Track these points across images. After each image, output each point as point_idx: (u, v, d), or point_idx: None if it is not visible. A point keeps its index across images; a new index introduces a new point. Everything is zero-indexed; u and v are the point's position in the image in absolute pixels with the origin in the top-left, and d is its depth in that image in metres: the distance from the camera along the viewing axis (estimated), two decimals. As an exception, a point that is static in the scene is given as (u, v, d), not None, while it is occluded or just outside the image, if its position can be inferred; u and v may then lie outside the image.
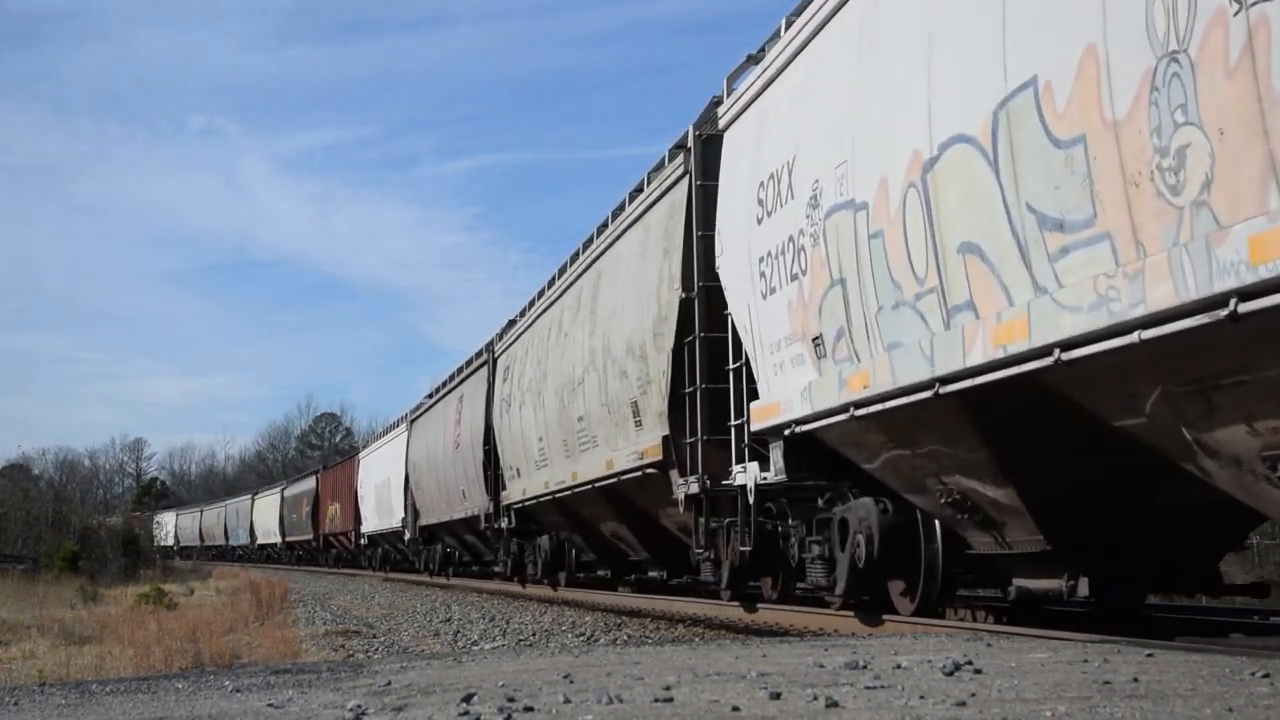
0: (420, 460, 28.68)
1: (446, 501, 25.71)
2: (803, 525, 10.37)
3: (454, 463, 24.51)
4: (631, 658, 5.90)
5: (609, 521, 15.83)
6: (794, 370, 8.99)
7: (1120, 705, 3.69)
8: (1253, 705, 3.66)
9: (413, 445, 30.24)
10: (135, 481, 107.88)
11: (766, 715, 3.71)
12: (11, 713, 4.65)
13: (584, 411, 15.10)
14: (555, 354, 16.75)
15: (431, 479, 27.26)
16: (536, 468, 17.99)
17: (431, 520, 27.86)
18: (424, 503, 28.54)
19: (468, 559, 27.98)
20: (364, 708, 4.14)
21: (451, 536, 27.33)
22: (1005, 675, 4.55)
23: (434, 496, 27.20)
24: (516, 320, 21.02)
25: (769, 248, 9.24)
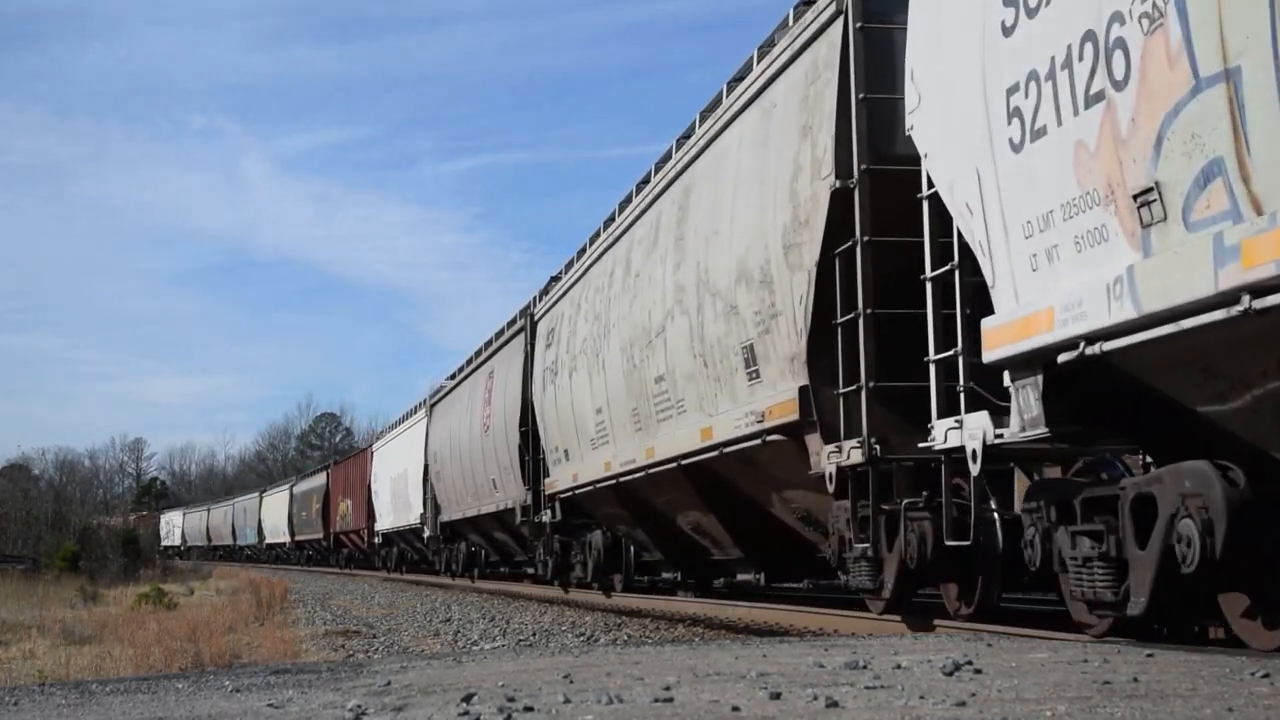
0: (442, 448, 26.07)
1: (473, 493, 22.96)
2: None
3: (483, 449, 21.75)
4: (631, 658, 5.90)
5: (690, 511, 12.70)
6: (1087, 254, 5.63)
7: (1120, 705, 3.69)
8: (1253, 705, 3.66)
9: (433, 432, 27.59)
10: (135, 481, 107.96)
11: (766, 715, 3.71)
12: (11, 713, 4.65)
13: (665, 369, 11.84)
14: (621, 302, 13.40)
15: (455, 469, 24.52)
16: (592, 447, 14.85)
17: (455, 515, 25.25)
18: (446, 496, 26.05)
19: (495, 559, 25.64)
20: (364, 708, 4.14)
21: (478, 534, 24.72)
22: (1005, 675, 4.55)
23: (458, 488, 24.54)
24: (561, 275, 17.70)
25: (1032, 66, 5.94)
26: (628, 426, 13.26)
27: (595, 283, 14.76)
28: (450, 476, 25.15)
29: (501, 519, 21.03)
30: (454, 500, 24.98)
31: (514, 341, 20.31)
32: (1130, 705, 3.69)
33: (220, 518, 76.36)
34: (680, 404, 11.59)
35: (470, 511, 23.25)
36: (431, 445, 27.50)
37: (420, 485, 28.90)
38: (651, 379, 12.31)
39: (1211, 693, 3.94)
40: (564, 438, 16.31)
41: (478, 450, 22.03)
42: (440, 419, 26.96)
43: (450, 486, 25.28)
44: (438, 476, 26.60)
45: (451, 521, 25.77)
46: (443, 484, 26.05)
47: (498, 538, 23.19)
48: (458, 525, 25.53)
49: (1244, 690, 3.99)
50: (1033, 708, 3.68)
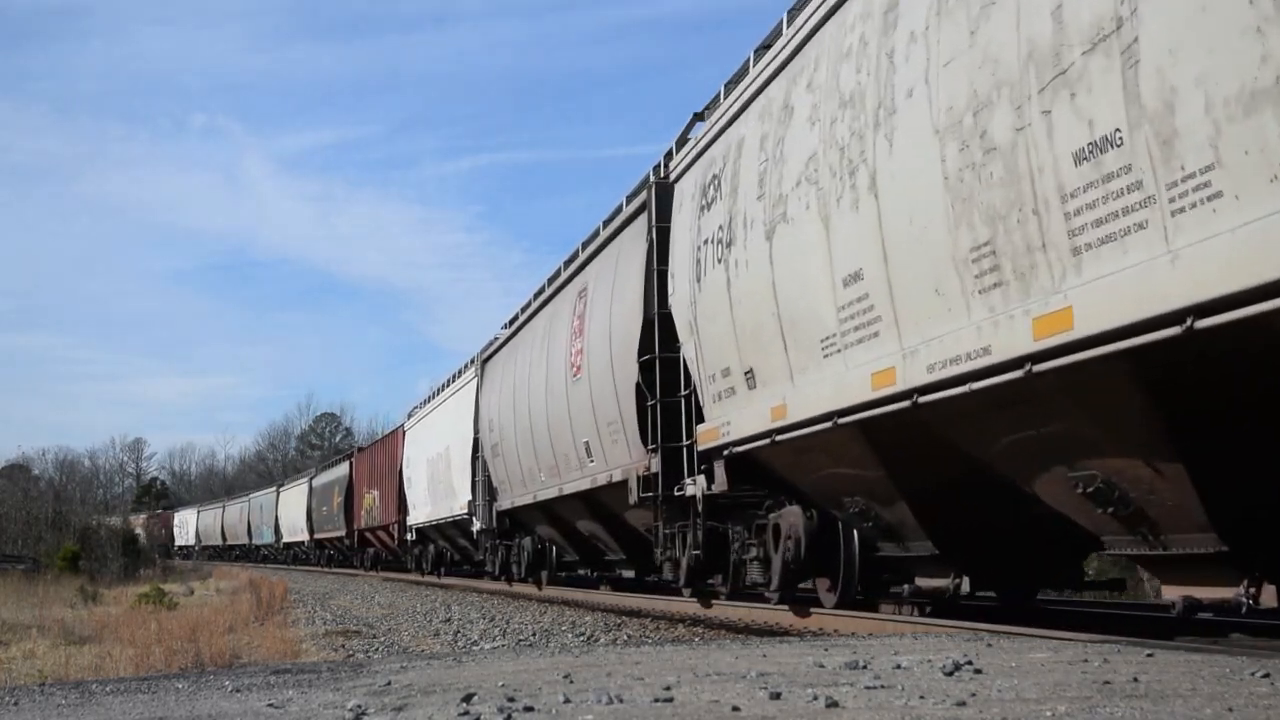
0: (501, 414, 19.80)
1: (550, 468, 16.66)
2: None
3: (569, 403, 15.31)
4: (631, 658, 5.90)
5: None
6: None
7: (1120, 705, 3.69)
8: (1253, 705, 3.66)
9: (487, 396, 21.62)
10: (135, 481, 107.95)
11: (766, 715, 3.71)
12: (11, 713, 4.65)
13: None
14: None
15: (521, 438, 18.19)
16: (823, 354, 8.34)
17: (519, 500, 18.88)
18: (507, 476, 19.70)
19: (571, 558, 19.34)
20: (364, 708, 4.14)
21: (552, 524, 18.13)
22: (1005, 675, 4.55)
23: (525, 465, 18.16)
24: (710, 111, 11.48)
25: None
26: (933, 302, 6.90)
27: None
28: (513, 450, 18.87)
29: (597, 500, 14.88)
30: (518, 481, 18.91)
31: (632, 227, 13.42)
32: (1130, 705, 3.69)
33: (236, 515, 70.21)
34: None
35: (546, 492, 16.91)
36: (484, 412, 21.60)
37: (467, 466, 23.25)
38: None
39: (1211, 693, 3.94)
40: (752, 347, 9.65)
41: (560, 406, 15.76)
42: (496, 377, 20.82)
43: (513, 463, 19.04)
44: (494, 452, 20.56)
45: (514, 509, 19.64)
46: (501, 461, 19.96)
47: (587, 530, 16.65)
48: (523, 514, 19.45)
49: (1244, 690, 3.99)
50: (1033, 708, 3.68)
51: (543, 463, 17.05)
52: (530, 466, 17.82)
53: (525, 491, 18.48)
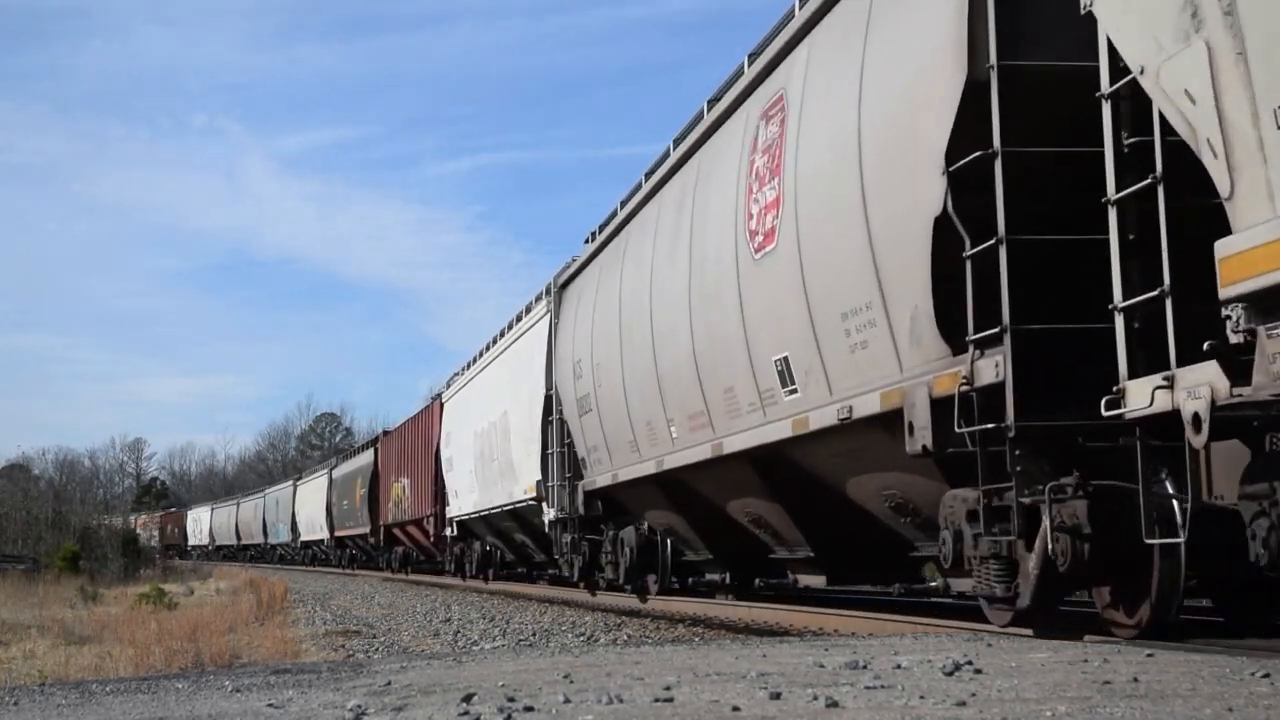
0: (597, 350, 13.83)
1: (695, 418, 11.03)
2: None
3: (746, 299, 9.50)
4: (631, 658, 5.90)
5: None
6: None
7: (1120, 705, 3.69)
8: (1253, 705, 3.66)
9: (569, 331, 15.46)
10: (135, 481, 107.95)
11: (766, 715, 3.71)
12: (11, 713, 4.65)
13: None
14: None
15: (639, 378, 12.35)
16: None
17: (632, 472, 13.03)
18: (604, 441, 14.09)
19: (697, 557, 13.54)
20: (364, 708, 4.14)
21: (681, 509, 12.62)
22: (1005, 675, 4.55)
23: (641, 418, 12.54)
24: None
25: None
26: None
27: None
28: (618, 399, 13.11)
29: (801, 457, 9.22)
30: (624, 445, 13.31)
31: None
32: (1130, 705, 3.69)
33: (250, 513, 64.51)
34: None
35: (682, 456, 11.35)
36: (565, 356, 15.47)
37: (535, 436, 17.47)
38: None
39: (1211, 693, 3.94)
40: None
41: (720, 312, 9.96)
42: (587, 301, 14.67)
43: (617, 419, 13.32)
44: (581, 407, 14.75)
45: (614, 487, 14.05)
46: (595, 420, 14.19)
47: (744, 511, 11.03)
48: (627, 493, 13.98)
49: (1244, 690, 3.99)
50: (1033, 708, 3.68)
51: (676, 410, 11.41)
52: (650, 420, 12.23)
53: (636, 459, 12.84)
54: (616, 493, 14.46)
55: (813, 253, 8.32)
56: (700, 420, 10.93)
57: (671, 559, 14.27)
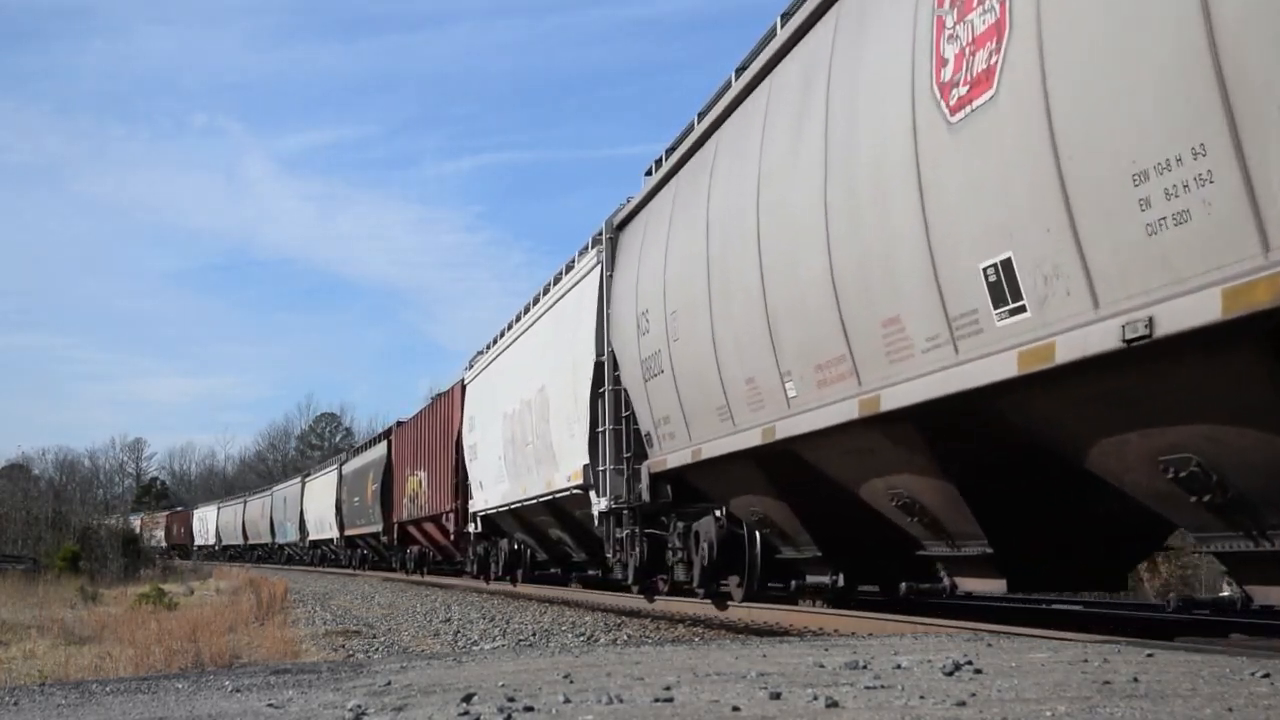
0: (673, 294, 11.26)
1: (835, 364, 8.10)
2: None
3: (938, 184, 6.69)
4: (631, 658, 5.90)
5: None
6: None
7: (1120, 705, 3.69)
8: (1253, 705, 3.66)
9: (629, 281, 12.88)
10: (135, 481, 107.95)
11: (766, 715, 3.71)
12: (11, 713, 4.65)
13: None
14: None
15: (734, 323, 9.75)
16: None
17: (711, 450, 10.58)
18: (679, 406, 11.35)
19: (803, 554, 10.57)
20: (364, 708, 4.14)
21: (790, 492, 9.95)
22: (1005, 675, 4.55)
23: (737, 372, 9.88)
24: None
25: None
26: None
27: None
28: (698, 357, 10.64)
29: (1034, 396, 6.32)
30: (705, 411, 10.70)
31: None
32: (1130, 705, 3.69)
33: (257, 511, 61.94)
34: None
35: (795, 423, 8.81)
36: (624, 310, 12.99)
37: (581, 412, 14.78)
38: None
39: (1211, 693, 3.94)
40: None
41: (899, 210, 7.08)
42: (653, 242, 12.11)
43: (696, 382, 10.81)
44: (647, 371, 12.09)
45: (696, 466, 11.21)
46: (667, 383, 11.55)
47: (915, 489, 8.00)
48: (705, 475, 11.37)
49: (1244, 690, 3.99)
50: (1033, 708, 3.68)
51: (796, 359, 8.71)
52: (752, 376, 9.52)
53: (729, 429, 10.21)
54: (694, 474, 11.60)
55: (1076, 86, 5.57)
56: (838, 370, 8.09)
57: (763, 554, 11.52)
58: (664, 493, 12.91)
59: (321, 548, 47.45)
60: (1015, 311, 6.14)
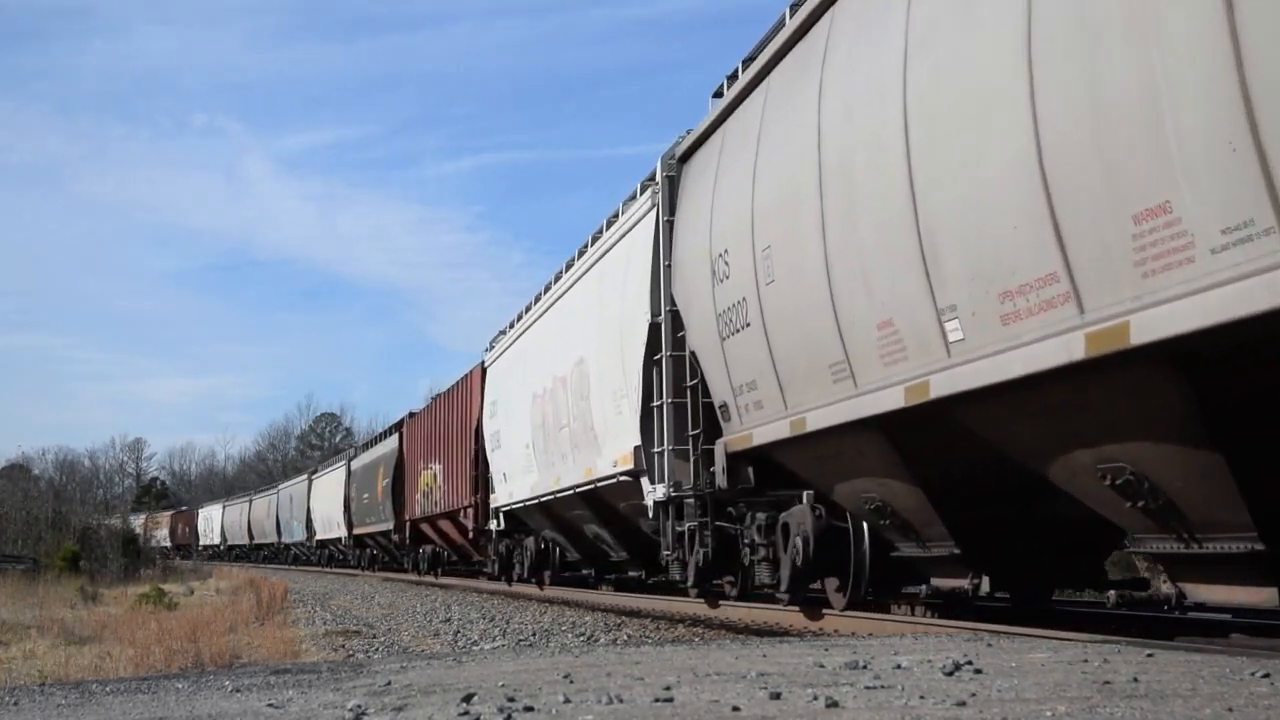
0: (758, 237, 9.15)
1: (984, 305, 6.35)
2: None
3: None
4: (631, 658, 5.90)
5: None
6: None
7: (1120, 705, 3.69)
8: (1253, 705, 3.66)
9: (693, 224, 10.99)
10: (135, 481, 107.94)
11: (766, 715, 3.71)
12: (11, 713, 4.65)
13: None
14: None
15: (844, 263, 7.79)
16: None
17: (820, 419, 8.40)
18: (758, 375, 9.55)
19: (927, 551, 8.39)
20: (364, 708, 4.14)
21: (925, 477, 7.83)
22: (1005, 675, 4.55)
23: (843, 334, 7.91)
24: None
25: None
26: None
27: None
28: (802, 301, 8.52)
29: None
30: (812, 373, 8.55)
31: None
32: (1130, 705, 3.69)
33: (263, 510, 59.98)
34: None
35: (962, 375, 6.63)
36: (689, 256, 11.08)
37: (631, 385, 12.61)
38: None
39: (1211, 693, 3.94)
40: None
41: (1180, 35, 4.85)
42: (730, 170, 10.11)
43: (798, 334, 8.70)
44: (726, 325, 10.10)
45: (792, 442, 9.09)
46: (757, 337, 9.41)
47: (1128, 465, 5.94)
48: (813, 451, 9.03)
49: (1244, 690, 3.99)
50: (1033, 708, 3.68)
51: (966, 287, 6.57)
52: (892, 316, 7.35)
53: (846, 390, 8.07)
54: (787, 453, 9.47)
55: None
56: (1043, 295, 5.90)
57: (871, 554, 9.38)
58: (745, 476, 10.57)
59: (329, 547, 45.77)
60: None
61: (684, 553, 12.05)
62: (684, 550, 12.04)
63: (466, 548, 25.06)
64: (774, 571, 10.46)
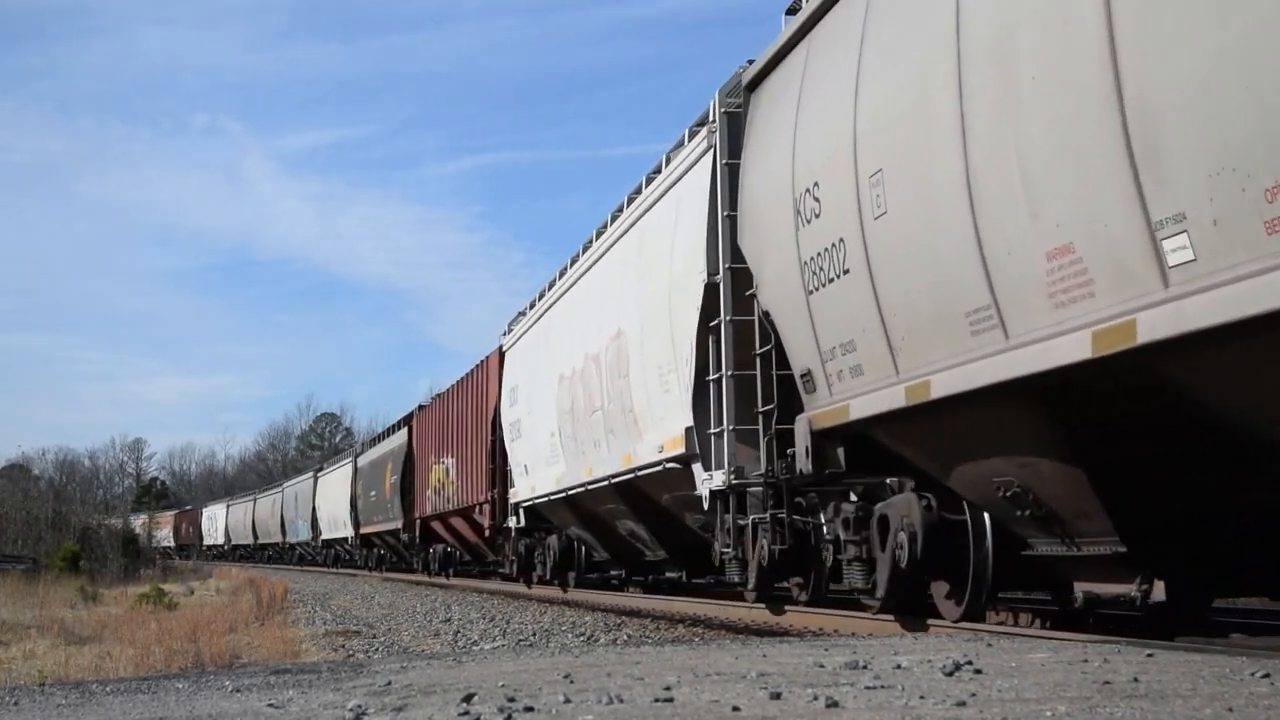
0: (863, 160, 7.44)
1: None
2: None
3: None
4: (631, 658, 5.90)
5: None
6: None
7: (1120, 705, 3.69)
8: (1253, 705, 3.66)
9: (767, 161, 9.30)
10: (135, 481, 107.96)
11: (766, 715, 3.71)
12: (11, 713, 4.65)
13: None
14: None
15: (1044, 151, 5.76)
16: None
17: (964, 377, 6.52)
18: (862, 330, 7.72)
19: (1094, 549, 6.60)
20: (364, 708, 4.14)
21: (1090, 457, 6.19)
22: (1005, 675, 4.55)
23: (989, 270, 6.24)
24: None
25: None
26: None
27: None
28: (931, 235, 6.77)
29: None
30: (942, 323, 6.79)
31: None
32: (1130, 705, 3.69)
33: (268, 509, 58.57)
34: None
35: (1235, 296, 4.72)
36: (759, 198, 9.50)
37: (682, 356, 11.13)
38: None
39: (1211, 693, 3.94)
40: None
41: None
42: (821, 85, 8.36)
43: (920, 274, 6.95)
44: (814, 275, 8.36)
45: (909, 414, 7.29)
46: (857, 284, 7.67)
47: None
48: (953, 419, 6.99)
49: (1244, 690, 3.99)
50: (1033, 708, 3.68)
51: (1197, 181, 4.86)
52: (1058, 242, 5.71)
53: (994, 343, 6.33)
54: (892, 429, 7.79)
55: None
56: None
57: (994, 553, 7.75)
58: (833, 459, 8.68)
59: (335, 547, 44.36)
60: None
61: (745, 551, 10.46)
62: (745, 548, 10.44)
63: (481, 547, 23.66)
64: (868, 574, 8.70)
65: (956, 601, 8.00)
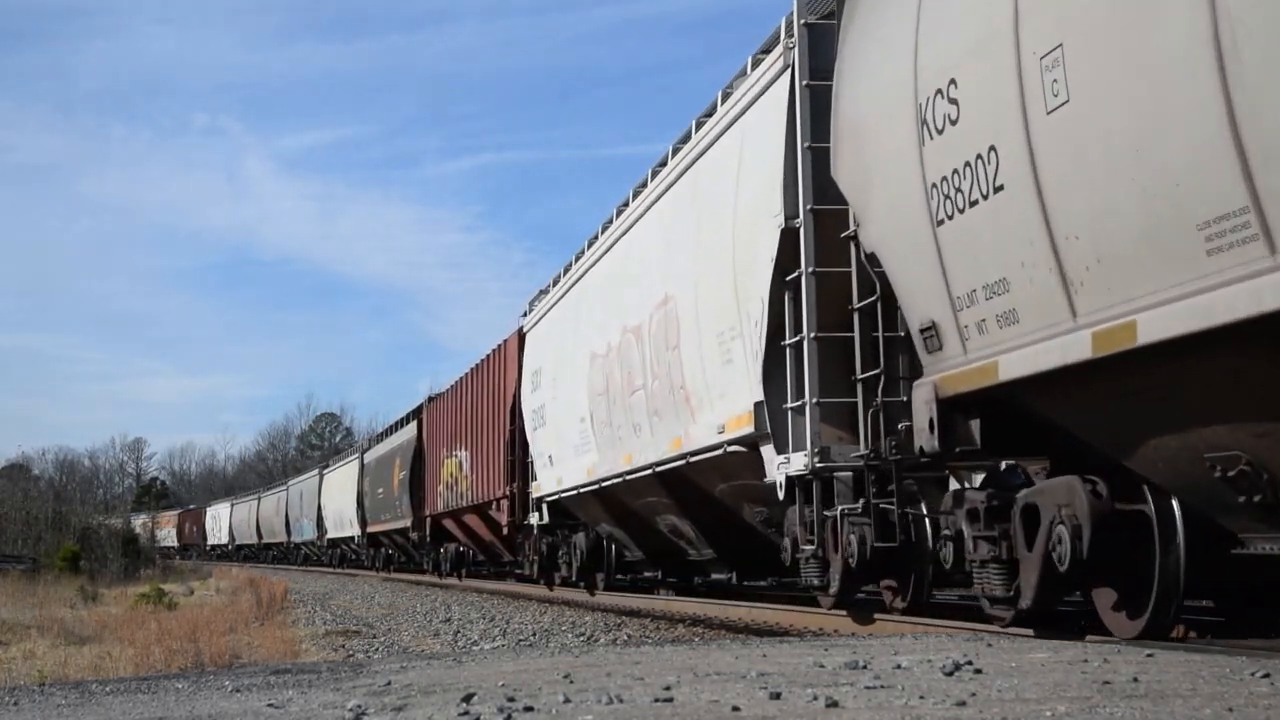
0: (1028, 17, 5.67)
1: None
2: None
3: None
4: (631, 658, 5.90)
5: None
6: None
7: (1120, 705, 3.69)
8: (1253, 705, 3.66)
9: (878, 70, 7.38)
10: (135, 481, 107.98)
11: (766, 715, 3.71)
12: (11, 713, 4.65)
13: None
14: None
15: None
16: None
17: (1190, 313, 4.77)
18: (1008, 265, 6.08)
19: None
20: (364, 708, 4.14)
21: None
22: (1005, 675, 4.55)
23: None
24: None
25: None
26: None
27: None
28: (1154, 124, 4.91)
29: None
30: (1162, 238, 4.96)
31: None
32: (1130, 705, 3.69)
33: (272, 508, 57.13)
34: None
35: None
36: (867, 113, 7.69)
37: (750, 319, 9.32)
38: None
39: (1211, 693, 3.94)
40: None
41: None
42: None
43: (1133, 183, 5.04)
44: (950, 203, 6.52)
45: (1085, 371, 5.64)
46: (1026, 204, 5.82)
47: None
48: (1165, 373, 5.25)
49: (1244, 690, 3.99)
50: (1033, 708, 3.68)
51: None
52: None
53: (1208, 271, 4.72)
54: (1054, 393, 6.17)
55: None
56: None
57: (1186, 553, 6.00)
58: (966, 435, 7.00)
59: (341, 547, 42.85)
60: None
61: (827, 548, 8.83)
62: (829, 545, 8.79)
63: (497, 546, 21.75)
64: (1009, 580, 6.89)
65: (1129, 613, 6.27)
